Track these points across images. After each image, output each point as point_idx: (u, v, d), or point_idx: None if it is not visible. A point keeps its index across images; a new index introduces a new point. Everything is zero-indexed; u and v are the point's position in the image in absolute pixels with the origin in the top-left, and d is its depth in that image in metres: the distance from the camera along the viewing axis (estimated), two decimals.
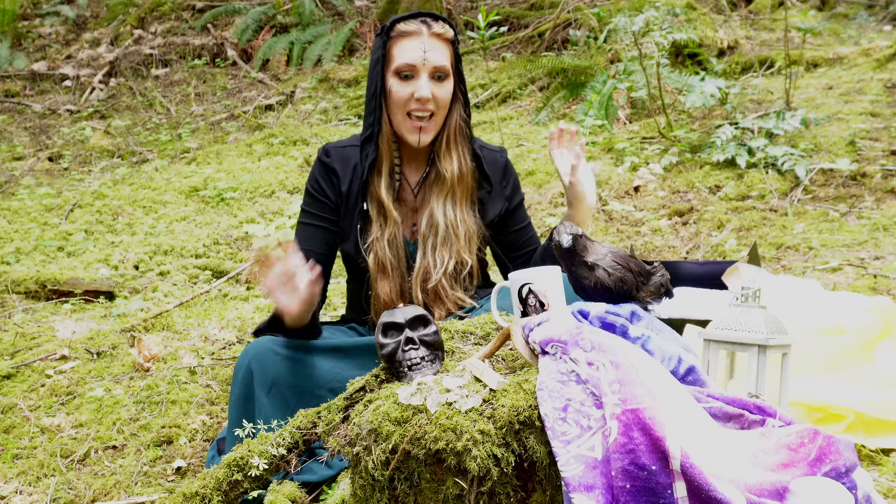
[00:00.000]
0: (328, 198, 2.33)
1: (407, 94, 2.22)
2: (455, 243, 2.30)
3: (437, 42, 2.24)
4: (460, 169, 2.31)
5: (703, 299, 2.42)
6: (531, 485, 1.52)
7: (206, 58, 7.91)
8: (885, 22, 6.62)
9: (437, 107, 2.25)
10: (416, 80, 2.22)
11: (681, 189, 4.13)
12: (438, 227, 2.30)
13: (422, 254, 2.31)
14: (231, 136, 6.25)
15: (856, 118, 4.43)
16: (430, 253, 2.30)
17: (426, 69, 2.22)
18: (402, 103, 2.23)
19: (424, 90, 2.21)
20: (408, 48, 2.22)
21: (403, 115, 2.25)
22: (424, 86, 2.21)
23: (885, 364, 2.24)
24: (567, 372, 1.54)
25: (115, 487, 2.33)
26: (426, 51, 2.21)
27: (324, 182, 2.33)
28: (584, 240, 1.82)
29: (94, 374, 2.97)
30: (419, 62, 2.21)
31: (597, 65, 5.63)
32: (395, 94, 2.24)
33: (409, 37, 2.23)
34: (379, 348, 1.72)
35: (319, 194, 2.34)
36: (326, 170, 2.34)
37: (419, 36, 2.23)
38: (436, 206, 2.31)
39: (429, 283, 2.29)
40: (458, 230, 2.30)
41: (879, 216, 3.62)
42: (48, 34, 8.67)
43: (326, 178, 2.33)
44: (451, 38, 2.27)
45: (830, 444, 1.49)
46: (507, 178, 2.42)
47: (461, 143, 2.33)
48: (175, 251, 4.14)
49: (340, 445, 1.69)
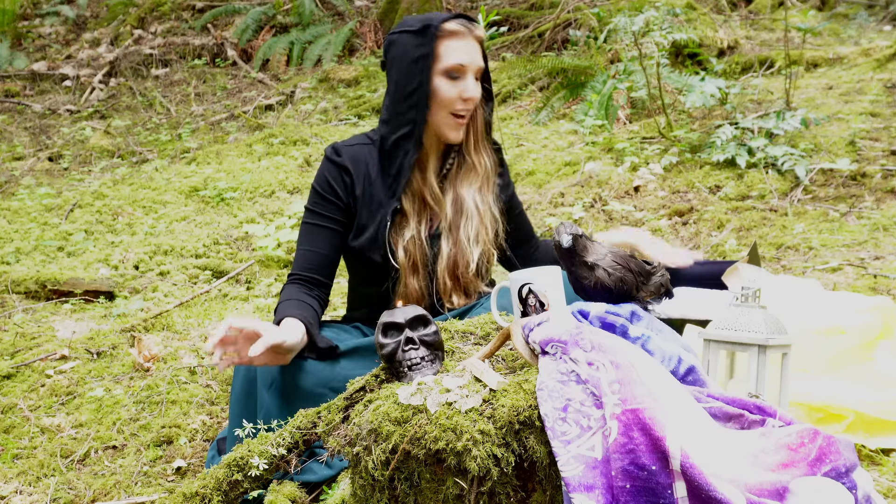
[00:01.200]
0: (339, 198, 2.32)
1: (455, 93, 2.27)
2: (483, 233, 2.36)
3: (477, 44, 2.30)
4: (491, 162, 2.40)
5: (703, 299, 2.42)
6: (531, 485, 1.52)
7: (206, 58, 7.91)
8: (885, 22, 6.62)
9: (473, 107, 2.32)
10: (464, 80, 2.27)
11: (681, 189, 4.13)
12: (471, 215, 2.35)
13: (451, 242, 2.35)
14: (231, 136, 6.25)
15: (856, 118, 4.43)
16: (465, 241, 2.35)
17: (472, 70, 2.28)
18: (449, 102, 2.27)
19: (473, 91, 2.27)
20: (457, 48, 2.27)
21: (447, 114, 2.29)
22: (473, 87, 2.28)
23: (885, 364, 2.24)
24: (567, 372, 1.54)
25: (115, 487, 2.33)
26: (473, 52, 2.28)
27: (335, 181, 2.32)
28: (584, 240, 1.82)
29: (94, 374, 2.97)
30: (468, 62, 2.26)
31: (597, 65, 5.64)
32: (442, 94, 2.27)
33: (457, 37, 2.27)
34: (379, 348, 1.72)
35: (329, 194, 2.32)
36: (338, 168, 2.32)
37: (466, 37, 2.28)
38: (465, 194, 2.36)
39: (460, 271, 2.34)
40: (486, 220, 2.37)
41: (879, 216, 3.62)
42: (48, 34, 8.67)
43: (338, 177, 2.32)
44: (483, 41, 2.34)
45: (830, 444, 1.49)
46: (504, 170, 2.51)
47: (487, 144, 2.41)
48: (175, 251, 4.14)
49: (340, 445, 1.69)
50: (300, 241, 2.36)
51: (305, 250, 2.33)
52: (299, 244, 2.36)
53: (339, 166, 2.32)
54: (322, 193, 2.33)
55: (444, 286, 2.33)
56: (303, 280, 2.30)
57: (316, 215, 2.33)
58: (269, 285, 3.79)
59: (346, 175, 2.32)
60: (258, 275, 3.93)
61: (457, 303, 2.36)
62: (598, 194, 4.19)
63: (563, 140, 5.02)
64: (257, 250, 4.17)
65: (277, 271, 3.98)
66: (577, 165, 4.51)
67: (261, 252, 4.12)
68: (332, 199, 2.32)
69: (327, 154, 2.36)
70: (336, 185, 2.32)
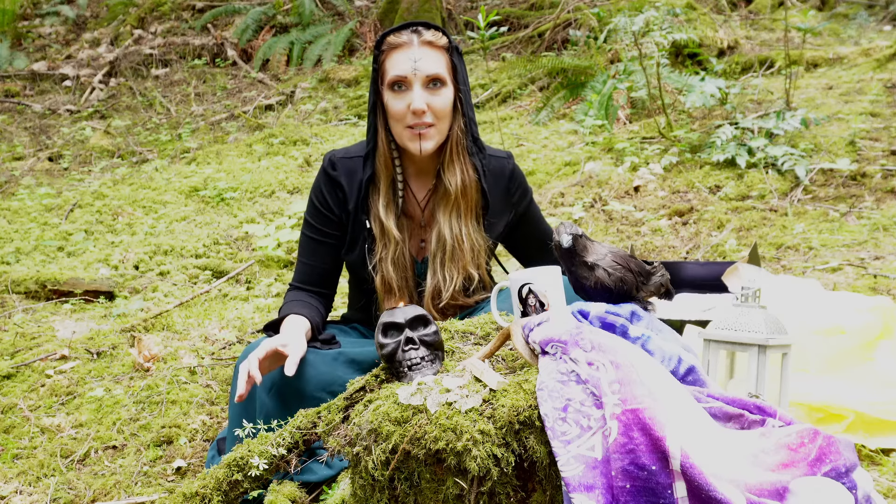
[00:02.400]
0: (332, 212, 2.31)
1: (402, 106, 2.17)
2: (461, 259, 2.26)
3: (428, 50, 2.18)
4: (463, 181, 2.25)
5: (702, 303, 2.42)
6: (531, 485, 1.52)
7: (206, 58, 7.91)
8: (885, 22, 6.62)
9: (435, 117, 2.18)
10: (409, 91, 2.17)
11: (681, 189, 4.13)
12: (446, 243, 2.26)
13: (432, 272, 2.28)
14: (231, 136, 6.25)
15: (856, 118, 4.43)
16: (440, 270, 2.27)
17: (418, 79, 2.16)
18: (400, 116, 2.18)
19: (418, 101, 2.15)
20: (398, 60, 2.17)
21: (403, 128, 2.20)
22: (418, 97, 2.16)
23: (885, 364, 2.24)
24: (567, 372, 1.54)
25: (115, 487, 2.33)
26: (416, 60, 2.16)
27: (329, 196, 2.30)
28: (584, 240, 1.82)
29: (94, 374, 2.97)
30: (409, 73, 2.16)
31: (597, 65, 5.64)
32: (391, 108, 2.19)
33: (399, 49, 2.18)
34: (379, 348, 1.72)
35: (324, 208, 2.31)
36: (332, 183, 2.30)
37: (409, 46, 2.17)
38: (443, 221, 2.26)
39: (440, 302, 2.27)
40: (464, 245, 2.26)
41: (879, 216, 3.62)
42: (48, 34, 8.67)
43: (332, 191, 2.30)
44: (446, 46, 2.21)
45: (830, 444, 1.49)
46: (514, 184, 2.37)
47: (463, 155, 2.26)
48: (175, 251, 4.14)
49: (340, 445, 1.69)
50: (300, 251, 2.36)
51: (305, 263, 2.33)
52: (299, 254, 2.36)
53: (333, 181, 2.30)
54: (317, 206, 2.32)
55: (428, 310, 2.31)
56: (304, 291, 2.32)
57: (314, 229, 2.33)
58: (269, 285, 3.79)
59: (339, 190, 2.30)
60: (258, 275, 3.93)
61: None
62: (598, 194, 4.19)
63: (563, 140, 5.02)
64: (257, 250, 4.17)
65: (277, 271, 3.99)
66: (577, 165, 4.51)
67: (261, 252, 4.12)
68: (327, 214, 2.31)
69: (324, 164, 2.32)
70: (330, 199, 2.30)
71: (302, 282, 2.33)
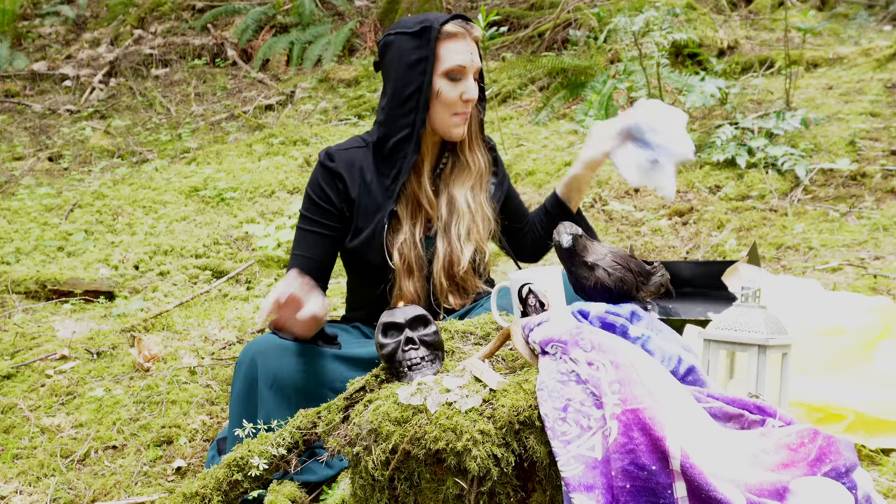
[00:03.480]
0: (332, 204, 2.31)
1: (456, 94, 2.27)
2: (474, 231, 2.36)
3: (474, 44, 2.31)
4: (485, 161, 2.41)
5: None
6: (531, 485, 1.52)
7: (206, 58, 7.91)
8: (885, 22, 6.62)
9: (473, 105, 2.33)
10: (465, 81, 2.28)
11: (681, 189, 4.13)
12: (462, 214, 2.35)
13: (446, 242, 2.34)
14: (231, 136, 6.25)
15: (856, 118, 4.43)
16: (456, 240, 2.34)
17: (472, 70, 2.29)
18: (452, 104, 2.28)
19: (473, 91, 2.28)
20: (457, 50, 2.27)
21: (450, 115, 2.30)
22: (473, 87, 2.28)
23: (885, 364, 2.24)
24: (567, 372, 1.54)
25: (115, 487, 2.33)
26: (472, 53, 2.28)
27: (328, 187, 2.31)
28: (584, 240, 1.82)
29: (94, 374, 2.97)
30: (469, 64, 2.27)
31: (597, 65, 5.64)
32: (444, 95, 2.27)
33: (456, 38, 2.27)
34: (379, 348, 1.72)
35: (323, 200, 2.32)
36: (331, 175, 2.32)
37: (465, 38, 2.28)
38: (458, 194, 2.36)
39: (455, 269, 2.33)
40: (478, 218, 2.36)
41: (879, 216, 3.62)
42: (48, 34, 8.68)
43: (331, 183, 2.31)
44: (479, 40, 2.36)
45: (830, 444, 1.49)
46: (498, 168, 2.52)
47: (481, 141, 2.43)
48: (175, 251, 4.14)
49: (340, 445, 1.69)
50: (295, 245, 2.37)
51: (300, 256, 2.34)
52: (294, 248, 2.37)
53: (332, 172, 2.32)
54: (315, 200, 2.33)
55: (440, 287, 2.33)
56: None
57: (310, 221, 2.34)
58: (269, 285, 3.80)
59: (339, 181, 2.31)
60: (258, 275, 3.93)
61: (454, 303, 2.36)
62: (598, 194, 4.19)
63: (563, 140, 5.02)
64: (257, 250, 4.17)
65: (277, 271, 3.99)
66: None
67: (261, 252, 4.12)
68: (326, 206, 2.31)
69: (321, 159, 2.35)
70: (329, 191, 2.31)
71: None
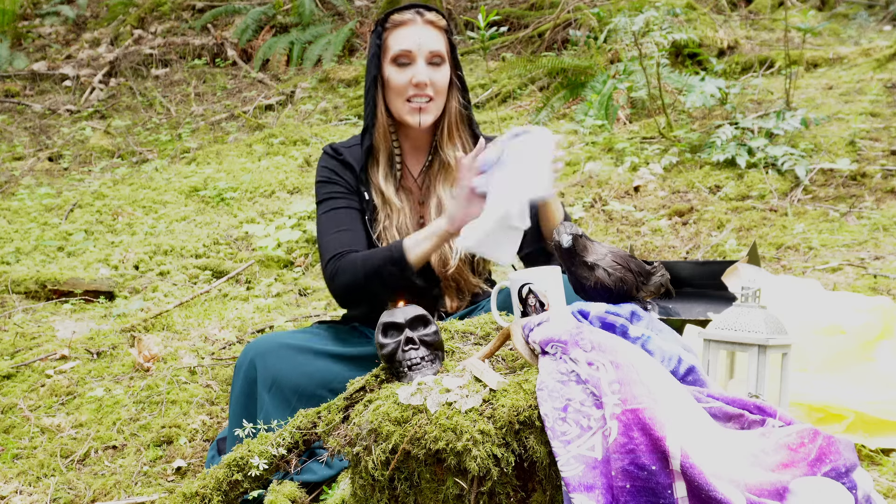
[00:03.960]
0: (347, 182, 2.33)
1: (405, 80, 2.27)
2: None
3: (431, 29, 2.30)
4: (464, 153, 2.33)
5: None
6: (531, 485, 1.52)
7: (206, 58, 7.90)
8: (885, 22, 6.62)
9: (435, 92, 2.29)
10: (414, 66, 2.27)
11: (681, 189, 4.13)
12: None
13: None
14: (231, 136, 6.25)
15: (856, 118, 4.43)
16: None
17: (422, 55, 2.28)
18: (401, 90, 2.28)
19: (422, 74, 2.26)
20: (403, 36, 2.28)
21: (403, 101, 2.29)
22: (422, 70, 2.27)
23: (885, 364, 2.24)
24: (567, 372, 1.54)
25: (115, 487, 2.33)
26: (420, 36, 2.28)
27: (337, 170, 2.34)
28: (584, 240, 1.82)
29: (94, 374, 2.97)
30: (415, 48, 2.27)
31: (597, 65, 5.63)
32: (393, 82, 2.28)
33: (404, 25, 2.30)
34: (379, 348, 1.72)
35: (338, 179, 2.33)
36: (340, 162, 2.35)
37: (413, 23, 2.30)
38: (443, 193, 2.34)
39: (448, 269, 2.30)
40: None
41: (879, 216, 3.62)
42: (48, 34, 8.67)
43: (340, 167, 2.34)
44: (445, 27, 2.34)
45: (830, 444, 1.49)
46: None
47: (462, 130, 2.38)
48: (175, 251, 4.14)
49: (340, 445, 1.69)
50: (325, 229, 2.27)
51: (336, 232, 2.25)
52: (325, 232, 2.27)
53: (340, 161, 2.35)
54: (330, 181, 2.34)
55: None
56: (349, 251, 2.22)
57: (331, 200, 2.31)
58: (269, 285, 3.79)
59: (347, 169, 2.34)
60: (258, 275, 3.93)
61: (450, 305, 2.35)
62: (598, 194, 4.19)
63: (563, 140, 5.02)
64: (257, 250, 4.17)
65: (277, 271, 3.98)
66: (577, 165, 4.51)
67: (261, 252, 4.12)
68: (341, 184, 2.33)
69: (326, 151, 2.38)
70: (340, 174, 2.34)
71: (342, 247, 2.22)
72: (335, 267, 2.20)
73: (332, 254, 2.22)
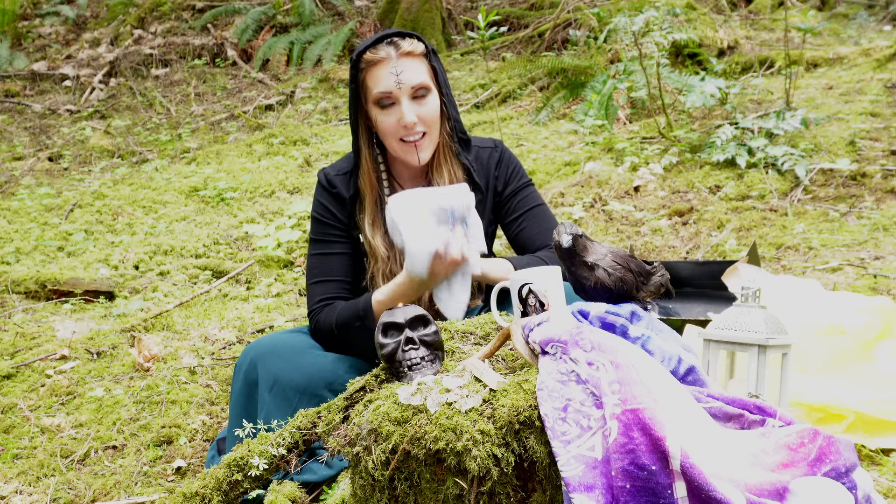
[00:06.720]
0: (339, 220, 2.31)
1: (393, 122, 2.19)
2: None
3: (408, 61, 2.18)
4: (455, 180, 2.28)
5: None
6: (531, 485, 1.52)
7: (206, 58, 7.91)
8: (885, 22, 6.62)
9: (426, 125, 2.21)
10: (398, 105, 2.18)
11: (681, 189, 4.13)
12: None
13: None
14: (231, 136, 6.25)
15: (856, 118, 4.43)
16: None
17: (404, 92, 2.17)
18: (392, 132, 2.20)
19: (409, 115, 2.17)
20: (380, 76, 2.17)
21: (397, 141, 2.22)
22: (408, 109, 2.17)
23: (885, 364, 2.24)
24: (567, 372, 1.54)
25: (115, 487, 2.33)
26: (399, 73, 2.16)
27: (332, 206, 2.31)
28: (584, 240, 1.82)
29: (94, 374, 2.97)
30: (394, 87, 2.16)
31: (597, 65, 5.63)
32: (381, 125, 2.21)
33: (379, 65, 2.18)
34: (379, 348, 1.72)
35: (330, 219, 2.31)
36: (331, 195, 2.32)
37: (389, 61, 2.17)
38: None
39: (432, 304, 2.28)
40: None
41: (879, 216, 3.62)
42: (48, 34, 8.67)
43: (334, 201, 2.31)
44: (423, 52, 2.22)
45: (830, 444, 1.49)
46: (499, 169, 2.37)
47: (450, 157, 2.30)
48: (175, 251, 4.14)
49: (340, 445, 1.69)
50: (312, 273, 2.30)
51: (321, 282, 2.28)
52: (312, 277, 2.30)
53: (334, 195, 2.31)
54: (323, 220, 2.32)
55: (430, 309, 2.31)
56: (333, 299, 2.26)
57: (323, 244, 2.31)
58: (269, 285, 3.79)
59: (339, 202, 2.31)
60: (258, 275, 3.93)
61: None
62: (598, 194, 4.19)
63: (563, 140, 5.02)
64: (257, 250, 4.17)
65: (277, 271, 3.98)
66: (577, 165, 4.51)
67: (261, 252, 4.12)
68: (334, 224, 2.31)
69: (320, 181, 2.34)
70: (334, 209, 2.31)
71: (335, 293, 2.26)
72: (316, 319, 2.26)
73: (314, 304, 2.27)
